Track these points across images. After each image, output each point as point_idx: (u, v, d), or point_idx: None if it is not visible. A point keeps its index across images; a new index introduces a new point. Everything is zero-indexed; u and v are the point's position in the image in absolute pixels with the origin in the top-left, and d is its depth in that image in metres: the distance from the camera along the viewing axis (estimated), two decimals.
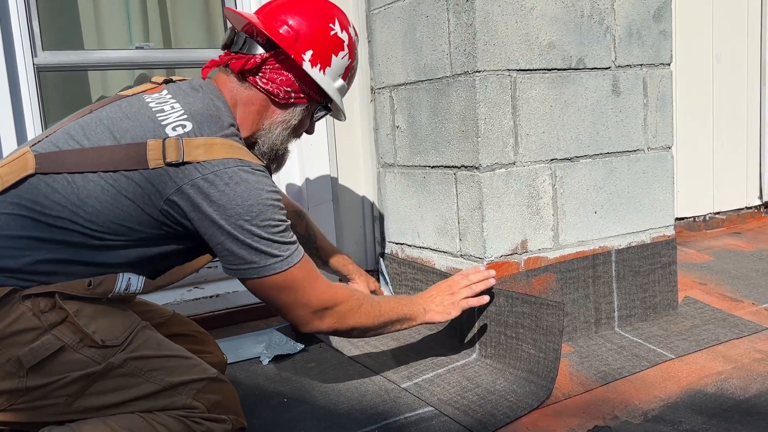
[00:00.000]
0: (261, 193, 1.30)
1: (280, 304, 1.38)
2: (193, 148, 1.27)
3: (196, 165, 1.26)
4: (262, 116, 1.47)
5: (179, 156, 1.25)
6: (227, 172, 1.27)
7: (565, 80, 1.89)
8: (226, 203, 1.26)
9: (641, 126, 2.04)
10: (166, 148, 1.26)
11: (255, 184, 1.30)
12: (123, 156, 1.26)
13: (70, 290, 1.23)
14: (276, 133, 1.48)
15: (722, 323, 2.04)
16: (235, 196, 1.27)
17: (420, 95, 2.01)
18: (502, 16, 1.78)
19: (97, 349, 1.24)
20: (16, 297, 1.20)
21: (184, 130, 1.30)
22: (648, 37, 2.03)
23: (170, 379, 1.29)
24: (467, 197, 1.86)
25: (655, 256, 2.10)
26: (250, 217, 1.28)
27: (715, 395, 1.62)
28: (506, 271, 1.85)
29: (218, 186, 1.26)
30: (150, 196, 1.26)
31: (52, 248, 1.23)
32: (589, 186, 1.96)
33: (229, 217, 1.27)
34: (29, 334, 1.20)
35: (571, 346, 1.93)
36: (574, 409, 1.59)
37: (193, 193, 1.26)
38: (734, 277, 2.47)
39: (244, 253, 1.29)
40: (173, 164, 1.25)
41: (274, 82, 1.44)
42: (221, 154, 1.29)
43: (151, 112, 1.33)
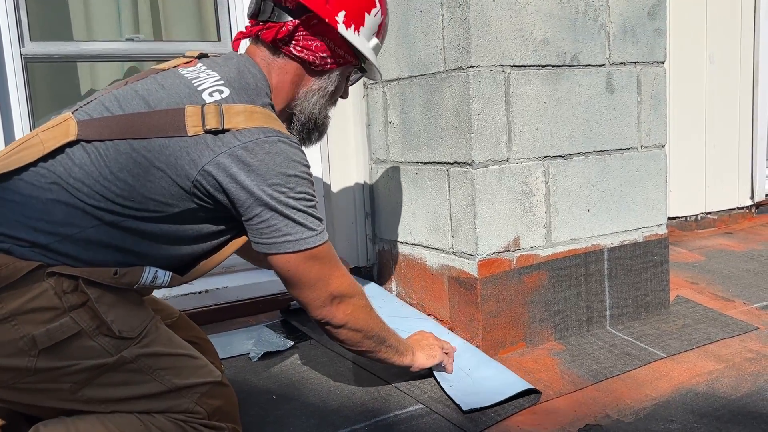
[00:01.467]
0: (298, 166, 1.27)
1: (305, 281, 1.33)
2: (233, 114, 1.24)
3: (236, 133, 1.23)
4: (297, 85, 1.43)
5: (219, 123, 1.22)
6: (267, 140, 1.24)
7: (559, 77, 1.88)
8: (265, 173, 1.23)
9: (635, 124, 2.04)
10: (206, 114, 1.23)
11: (293, 155, 1.27)
12: (158, 122, 1.23)
13: (95, 277, 1.20)
14: (313, 102, 1.45)
15: (714, 322, 2.03)
16: (274, 166, 1.24)
17: (413, 90, 2.00)
18: (496, 11, 1.76)
19: (112, 339, 1.22)
20: (41, 273, 1.17)
21: (221, 96, 1.27)
22: (642, 34, 2.02)
23: (177, 381, 1.27)
24: (460, 194, 1.85)
25: (648, 255, 2.09)
26: (289, 188, 1.25)
27: (706, 394, 1.62)
28: (498, 268, 1.83)
29: (258, 155, 1.23)
30: (184, 167, 1.22)
31: (84, 225, 1.21)
32: (582, 184, 1.95)
33: (269, 187, 1.23)
34: (48, 313, 1.17)
35: (562, 344, 1.92)
36: (565, 408, 1.58)
37: (231, 162, 1.22)
38: (726, 276, 2.47)
39: (281, 224, 1.26)
40: (212, 131, 1.22)
41: (309, 49, 1.39)
42: (261, 122, 1.26)
43: (187, 81, 1.30)
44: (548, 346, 1.91)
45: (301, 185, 1.28)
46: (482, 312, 1.81)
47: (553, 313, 1.93)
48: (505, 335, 1.86)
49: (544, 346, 1.91)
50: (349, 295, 1.40)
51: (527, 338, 1.90)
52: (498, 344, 1.85)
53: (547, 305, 1.92)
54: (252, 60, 1.39)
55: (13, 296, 1.15)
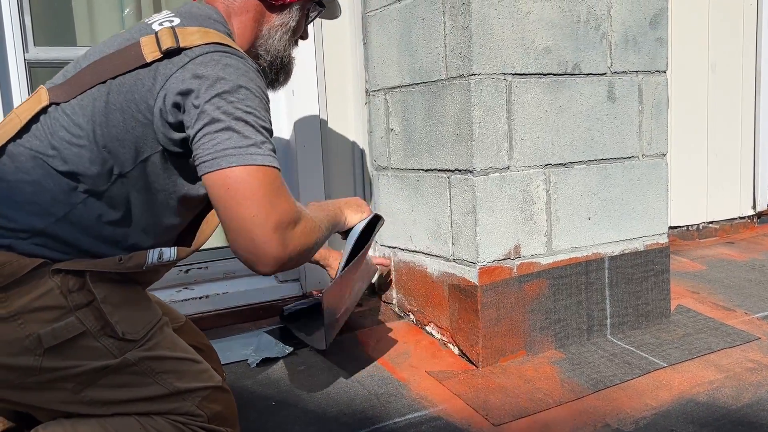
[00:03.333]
0: (251, 81, 1.20)
1: (246, 209, 1.13)
2: (188, 34, 1.21)
3: (188, 51, 1.18)
4: (260, 23, 1.41)
5: (174, 42, 1.18)
6: (219, 52, 1.19)
7: (561, 85, 1.89)
8: (214, 82, 1.16)
9: (636, 133, 2.04)
10: (160, 38, 1.20)
11: (246, 70, 1.21)
12: (117, 62, 1.21)
13: (101, 267, 1.19)
14: (277, 38, 1.42)
15: (715, 332, 2.03)
16: (224, 75, 1.17)
17: (415, 98, 2.00)
18: (498, 20, 1.77)
19: (116, 341, 1.21)
20: (45, 270, 1.16)
21: (171, 24, 1.24)
22: (644, 43, 2.02)
23: (178, 384, 1.27)
24: (461, 201, 1.85)
25: (649, 264, 2.09)
26: (238, 99, 1.17)
27: (707, 404, 1.61)
28: (499, 276, 1.83)
29: (208, 65, 1.18)
30: (144, 97, 1.19)
31: (72, 201, 1.19)
32: (583, 192, 1.95)
33: (217, 97, 1.15)
34: (53, 312, 1.16)
35: (562, 352, 1.91)
36: (565, 416, 1.57)
37: (182, 78, 1.17)
38: (727, 286, 2.46)
39: (224, 137, 1.14)
40: (171, 52, 1.18)
41: None
42: (217, 39, 1.22)
43: (142, 23, 1.30)
44: (548, 354, 1.90)
45: (252, 100, 1.19)
46: (482, 320, 1.81)
47: (553, 321, 1.92)
48: (506, 343, 1.86)
49: (545, 354, 1.90)
50: (299, 220, 1.21)
51: (527, 346, 1.89)
52: (498, 352, 1.85)
53: (547, 313, 1.91)
54: (212, 7, 1.37)
55: (19, 294, 1.14)
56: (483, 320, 1.81)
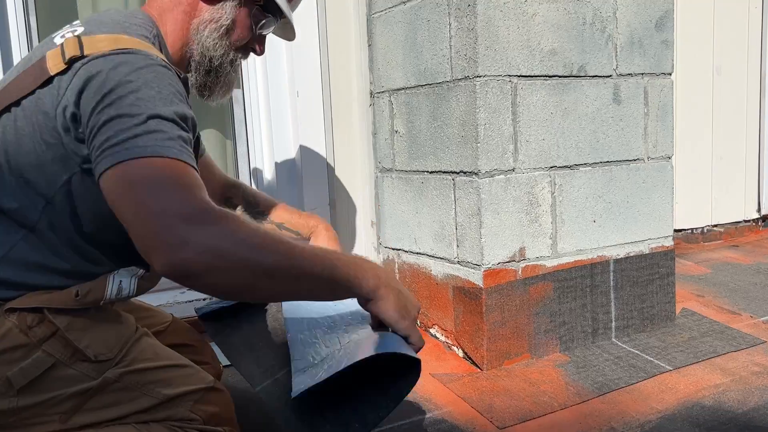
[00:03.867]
0: (160, 76, 1.06)
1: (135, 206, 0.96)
2: (95, 42, 1.09)
3: (97, 55, 1.06)
4: (191, 16, 1.29)
5: (78, 50, 1.07)
6: (118, 53, 1.06)
7: (566, 87, 1.88)
8: (106, 80, 1.03)
9: (641, 135, 2.03)
10: (65, 48, 1.08)
11: (156, 69, 1.07)
12: (23, 83, 1.11)
13: (57, 304, 1.15)
14: (205, 35, 1.28)
15: (720, 336, 2.02)
16: (124, 74, 1.04)
17: (419, 100, 2.00)
18: (503, 21, 1.76)
19: (90, 364, 1.18)
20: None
21: (74, 34, 1.12)
22: (650, 46, 2.02)
23: (167, 391, 1.23)
24: (465, 203, 1.84)
25: (654, 267, 2.08)
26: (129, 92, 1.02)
27: (712, 408, 1.61)
28: (503, 278, 1.83)
29: (107, 64, 1.04)
30: (48, 117, 1.08)
31: (11, 240, 1.13)
32: (588, 194, 1.95)
33: (109, 93, 1.02)
34: (17, 351, 1.12)
35: (567, 355, 1.91)
36: (570, 420, 1.57)
37: (77, 82, 1.05)
38: (732, 289, 2.45)
39: (116, 126, 1.00)
40: (74, 60, 1.07)
41: None
42: (127, 45, 1.09)
43: (47, 39, 1.19)
44: (553, 357, 1.90)
45: (152, 92, 1.03)
46: (487, 322, 1.81)
47: (558, 324, 1.92)
48: (510, 346, 1.85)
49: (549, 357, 1.90)
50: (206, 218, 0.95)
51: (532, 349, 1.89)
52: (503, 355, 1.84)
53: (552, 316, 1.91)
54: (139, 11, 1.27)
55: None
56: (487, 323, 1.81)
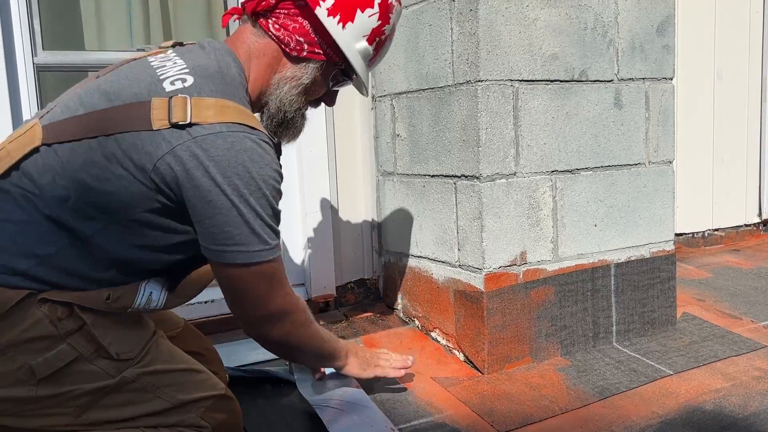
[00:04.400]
0: (266, 169, 1.17)
1: (245, 298, 1.26)
2: (203, 108, 1.15)
3: (199, 127, 1.13)
4: (273, 70, 1.33)
5: (186, 115, 1.13)
6: (233, 134, 1.14)
7: (568, 92, 1.89)
8: (225, 169, 1.13)
9: (643, 140, 2.04)
10: (173, 107, 1.14)
11: (262, 156, 1.17)
12: (121, 117, 1.15)
13: (87, 302, 1.18)
14: (284, 91, 1.33)
15: (721, 340, 2.02)
16: (237, 164, 1.13)
17: (421, 104, 2.00)
18: (505, 26, 1.77)
19: (112, 361, 1.20)
20: (32, 301, 1.14)
21: (183, 85, 1.18)
22: (651, 51, 2.02)
23: (181, 396, 1.26)
24: (467, 207, 1.85)
25: (655, 271, 2.09)
26: (250, 191, 1.15)
27: (713, 413, 1.61)
28: (505, 282, 1.83)
29: (219, 148, 1.13)
30: (142, 160, 1.13)
31: (59, 244, 1.16)
32: (589, 198, 1.95)
33: (227, 186, 1.13)
34: (44, 341, 1.15)
35: (568, 359, 1.91)
36: (571, 424, 1.57)
37: (188, 155, 1.12)
38: (733, 294, 2.45)
39: (235, 231, 1.16)
40: (179, 125, 1.13)
41: (287, 29, 1.29)
42: (233, 118, 1.16)
43: (151, 70, 1.22)
44: (554, 361, 1.90)
45: (266, 191, 1.17)
46: (488, 326, 1.81)
47: (559, 328, 1.92)
48: (511, 350, 1.85)
49: (550, 361, 1.90)
50: (289, 313, 1.32)
51: (533, 353, 1.89)
52: (504, 359, 1.84)
53: (553, 320, 1.91)
54: (228, 47, 1.30)
55: (7, 327, 1.13)
56: (489, 326, 1.81)
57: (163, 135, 1.13)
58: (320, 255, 2.21)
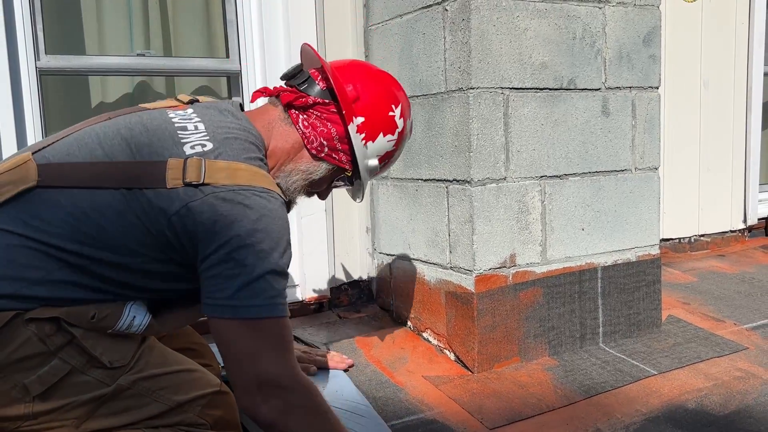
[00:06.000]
0: (277, 229, 1.20)
1: (233, 353, 1.20)
2: (215, 170, 1.20)
3: (212, 186, 1.18)
4: (290, 158, 1.39)
5: (200, 176, 1.18)
6: (244, 193, 1.19)
7: (557, 100, 1.95)
8: (235, 221, 1.17)
9: (629, 147, 2.10)
10: (187, 167, 1.19)
11: (275, 215, 1.21)
12: (140, 173, 1.20)
13: (72, 319, 1.19)
14: (293, 179, 1.40)
15: (704, 342, 2.08)
16: (247, 219, 1.17)
17: (415, 110, 2.05)
18: (496, 36, 1.83)
19: (105, 370, 1.22)
20: (19, 321, 1.15)
21: (203, 149, 1.22)
22: (638, 60, 2.09)
23: (177, 397, 1.27)
24: (458, 210, 1.90)
25: (640, 275, 2.14)
26: (251, 244, 1.17)
27: (695, 411, 1.66)
28: (495, 284, 1.88)
29: (233, 202, 1.18)
30: (157, 215, 1.19)
31: (49, 268, 1.18)
32: (577, 203, 2.01)
33: (235, 238, 1.16)
34: (36, 359, 1.16)
35: (556, 359, 1.96)
36: (557, 421, 1.62)
37: (200, 210, 1.17)
38: (717, 297, 2.51)
39: (230, 284, 1.16)
40: (192, 185, 1.18)
41: (315, 129, 1.38)
42: (245, 180, 1.21)
43: (173, 128, 1.27)
44: (542, 361, 1.95)
45: (275, 249, 1.19)
46: (478, 326, 1.86)
47: (547, 329, 1.97)
48: (500, 349, 1.90)
49: (538, 361, 1.95)
50: (283, 387, 1.20)
51: (522, 353, 1.94)
52: (493, 358, 1.89)
53: (541, 321, 1.96)
54: (248, 117, 1.37)
55: None
56: (479, 327, 1.86)
57: (178, 192, 1.18)
58: (315, 257, 2.25)
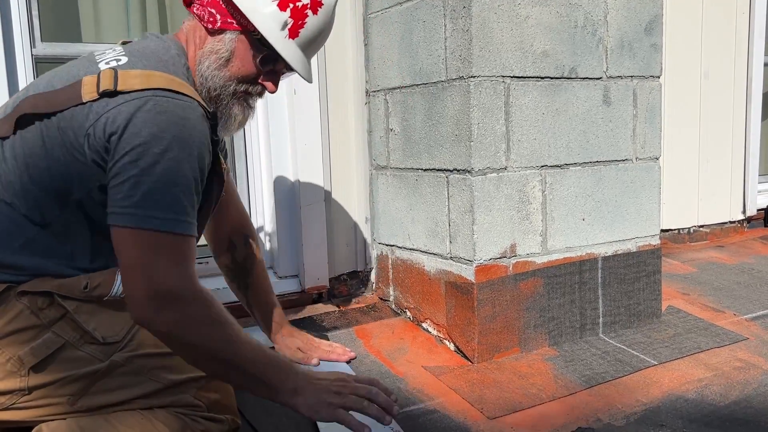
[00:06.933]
0: (188, 138, 1.15)
1: (129, 263, 1.14)
2: (129, 77, 1.17)
3: (126, 94, 1.15)
4: (199, 47, 1.33)
5: (113, 85, 1.15)
6: (156, 98, 1.15)
7: (558, 89, 1.93)
8: (144, 126, 1.12)
9: (630, 136, 2.08)
10: (101, 79, 1.17)
11: (189, 123, 1.17)
12: (58, 98, 1.19)
13: (65, 291, 1.19)
14: (205, 66, 1.31)
15: (704, 332, 2.08)
16: (153, 125, 1.13)
17: (415, 99, 2.04)
18: (497, 24, 1.81)
19: (98, 346, 1.22)
20: (11, 294, 1.16)
21: (117, 63, 1.21)
22: (639, 49, 2.07)
23: (172, 377, 1.27)
24: (458, 200, 1.89)
25: (641, 265, 2.14)
26: (158, 152, 1.12)
27: (695, 401, 1.66)
28: (495, 274, 1.87)
29: (143, 109, 1.14)
30: (76, 134, 1.17)
31: (26, 234, 1.18)
32: (577, 193, 2.00)
33: (140, 145, 1.12)
34: (29, 332, 1.17)
35: (556, 350, 1.95)
36: (558, 411, 1.61)
37: (112, 119, 1.14)
38: (716, 288, 2.51)
39: (134, 191, 1.11)
40: (107, 94, 1.16)
41: (202, 4, 1.31)
42: (159, 84, 1.17)
43: (92, 57, 1.28)
44: (542, 351, 1.95)
45: (177, 153, 1.13)
46: (478, 316, 1.85)
47: (547, 319, 1.97)
48: (500, 340, 1.90)
49: (538, 351, 1.94)
50: (178, 299, 1.14)
51: (522, 343, 1.93)
52: (493, 348, 1.89)
53: (541, 311, 1.95)
54: (174, 37, 1.35)
55: None
56: (479, 317, 1.85)
57: (92, 107, 1.17)
58: (314, 247, 2.24)
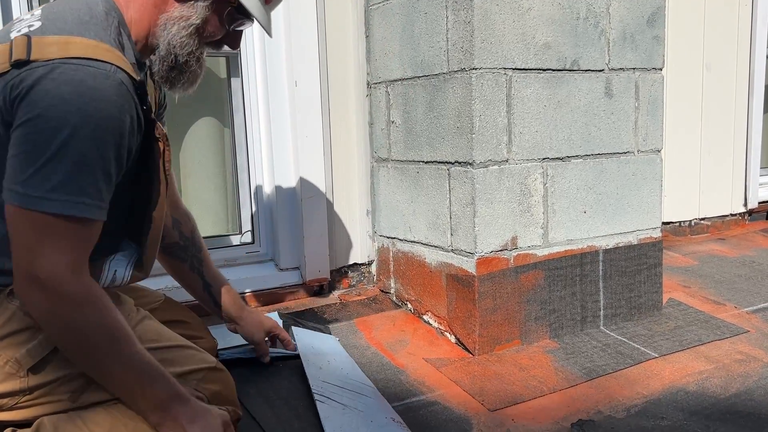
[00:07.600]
0: (96, 111, 1.06)
1: (17, 243, 1.08)
2: (44, 45, 1.07)
3: (38, 63, 1.06)
4: (160, 10, 1.25)
5: (25, 54, 1.06)
6: (62, 67, 1.05)
7: (560, 81, 1.92)
8: (45, 97, 1.04)
9: (632, 129, 2.08)
10: (13, 48, 1.07)
11: (99, 95, 1.06)
12: None
13: None
14: (173, 32, 1.25)
15: (705, 325, 2.08)
16: (54, 96, 1.04)
17: (416, 91, 2.03)
18: (499, 15, 1.80)
19: None
20: (2, 295, 1.14)
21: (29, 29, 1.10)
22: (641, 41, 2.06)
23: (173, 369, 1.26)
24: (460, 193, 1.88)
25: (642, 257, 2.14)
26: (67, 132, 1.03)
27: (696, 393, 1.66)
28: (496, 266, 1.87)
29: (48, 78, 1.04)
30: None
31: None
32: (579, 186, 2.00)
33: (40, 117, 1.03)
34: (24, 333, 1.15)
35: (557, 342, 1.96)
36: (558, 403, 1.62)
37: (18, 87, 1.06)
38: (717, 281, 2.51)
39: (28, 170, 1.04)
40: (19, 64, 1.06)
41: None
42: (79, 52, 1.07)
43: (9, 26, 1.18)
44: (543, 343, 1.95)
45: (81, 129, 1.04)
46: (479, 309, 1.85)
47: (548, 311, 1.97)
48: (501, 332, 1.90)
49: (539, 343, 1.95)
50: (55, 288, 1.07)
51: (523, 336, 1.93)
52: (494, 341, 1.89)
53: (542, 304, 1.95)
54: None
55: None
56: (480, 309, 1.85)
57: (5, 78, 1.08)
58: (315, 239, 2.24)
